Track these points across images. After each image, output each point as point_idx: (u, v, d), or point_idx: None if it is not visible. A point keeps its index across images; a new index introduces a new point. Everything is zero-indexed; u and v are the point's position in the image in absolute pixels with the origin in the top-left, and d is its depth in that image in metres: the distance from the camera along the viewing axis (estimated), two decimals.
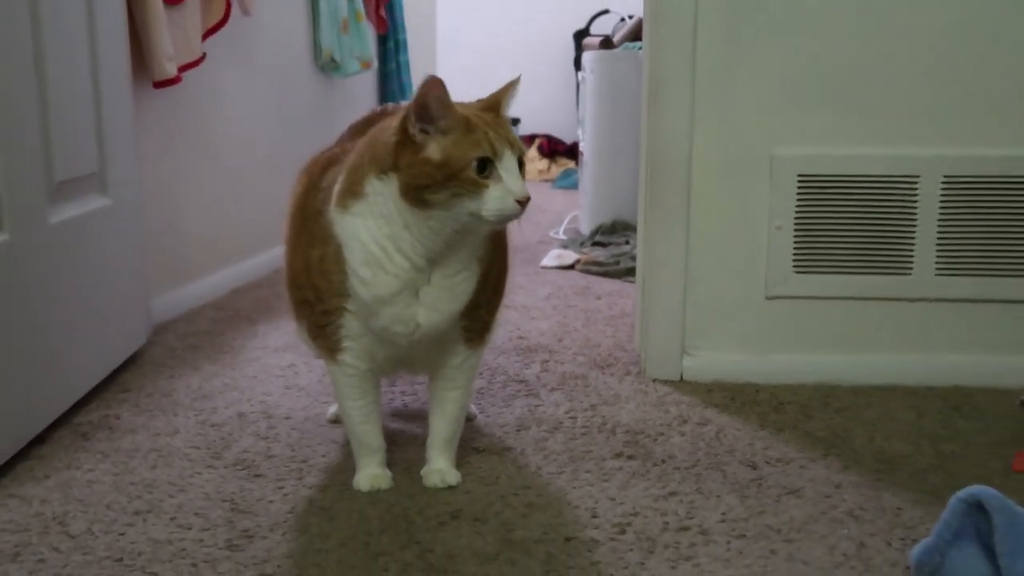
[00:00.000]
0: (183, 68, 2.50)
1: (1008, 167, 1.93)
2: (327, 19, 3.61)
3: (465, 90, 1.46)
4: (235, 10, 2.84)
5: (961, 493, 1.18)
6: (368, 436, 1.49)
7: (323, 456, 1.61)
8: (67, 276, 1.78)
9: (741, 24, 1.93)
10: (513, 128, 1.40)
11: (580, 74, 4.18)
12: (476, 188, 1.24)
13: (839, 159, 1.93)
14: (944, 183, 1.94)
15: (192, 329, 2.47)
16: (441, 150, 1.25)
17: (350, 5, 3.82)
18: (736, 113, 1.96)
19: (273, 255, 3.28)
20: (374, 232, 1.30)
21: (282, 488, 1.48)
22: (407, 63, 4.52)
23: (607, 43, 4.11)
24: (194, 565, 1.25)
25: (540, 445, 1.67)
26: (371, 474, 1.48)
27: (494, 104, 1.36)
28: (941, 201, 1.93)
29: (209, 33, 2.69)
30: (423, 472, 1.51)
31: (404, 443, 1.66)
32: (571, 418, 1.80)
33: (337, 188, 1.35)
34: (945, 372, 1.98)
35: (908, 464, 1.59)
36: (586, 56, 3.92)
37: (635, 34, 4.15)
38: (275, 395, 1.93)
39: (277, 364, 2.14)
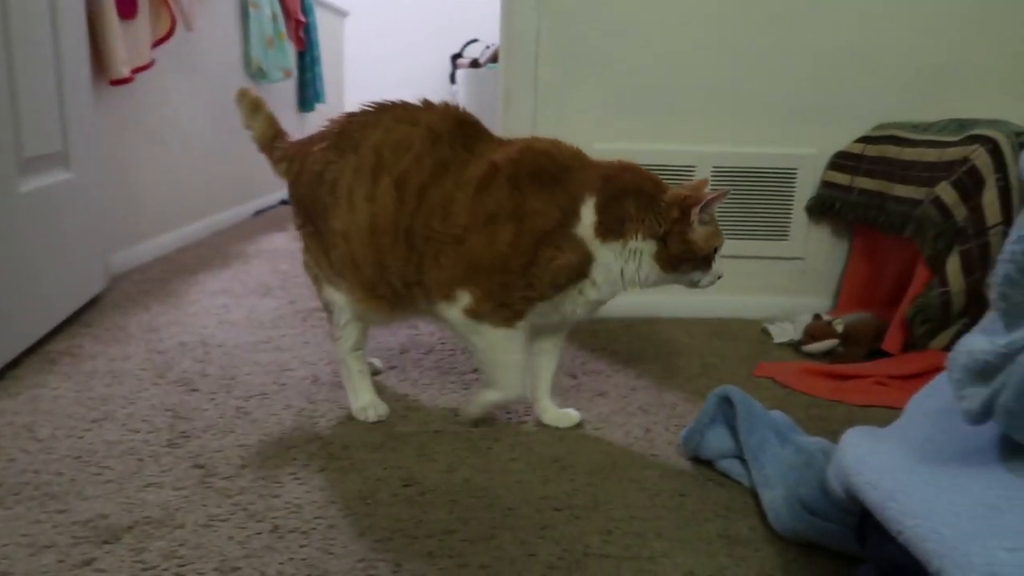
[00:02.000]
0: (136, 70, 2.33)
1: (753, 160, 2.00)
2: (256, 36, 3.42)
3: (370, 95, 1.41)
4: (180, 26, 2.66)
5: (716, 390, 1.23)
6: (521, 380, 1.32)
7: (248, 375, 1.55)
8: (36, 235, 1.64)
9: (570, 52, 1.93)
10: None
11: (454, 87, 4.11)
12: (709, 267, 1.27)
13: (641, 152, 1.95)
14: (713, 171, 2.00)
15: (144, 278, 2.33)
16: (704, 238, 1.24)
17: (274, 26, 3.63)
18: (568, 117, 1.96)
19: (213, 220, 3.12)
20: (619, 265, 1.25)
21: (214, 399, 1.42)
22: (320, 74, 4.34)
23: (475, 64, 4.04)
24: (140, 460, 1.18)
25: (418, 363, 1.65)
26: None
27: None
28: (711, 184, 1.99)
29: (158, 43, 2.51)
30: (552, 417, 1.37)
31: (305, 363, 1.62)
32: (442, 343, 1.78)
33: (595, 219, 1.22)
34: (710, 308, 2.06)
35: (683, 372, 1.65)
36: (459, 73, 3.86)
37: (496, 57, 4.10)
38: (211, 328, 1.84)
39: (213, 304, 2.04)
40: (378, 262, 1.27)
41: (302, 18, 4.06)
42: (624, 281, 1.27)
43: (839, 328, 1.77)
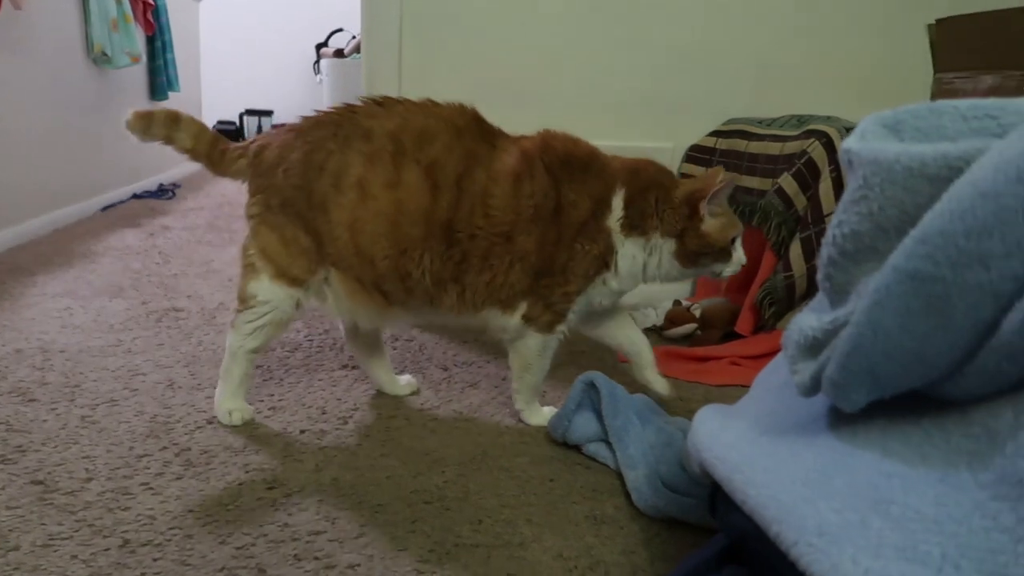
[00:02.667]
0: None
1: (611, 154, 2.07)
2: (97, 17, 3.17)
3: (230, 84, 1.34)
4: (6, 4, 2.42)
5: (581, 376, 1.26)
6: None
7: (95, 381, 1.44)
8: None
9: (432, 46, 1.92)
10: (269, 119, 1.30)
11: (319, 76, 4.00)
12: (729, 256, 1.27)
13: None
14: None
15: None
16: (718, 229, 1.26)
17: (119, 7, 3.38)
18: None
19: (53, 217, 2.88)
20: (642, 259, 1.29)
21: (55, 409, 1.31)
22: (173, 60, 4.09)
23: (339, 53, 3.95)
24: None
25: (283, 362, 1.59)
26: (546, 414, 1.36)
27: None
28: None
29: None
30: (660, 387, 1.43)
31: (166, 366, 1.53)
32: (309, 340, 1.73)
33: (621, 214, 1.25)
34: None
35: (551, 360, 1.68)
36: (323, 62, 3.76)
37: (360, 48, 4.01)
38: (51, 333, 1.70)
39: (55, 307, 1.89)
40: (399, 254, 1.21)
41: (150, 0, 3.82)
42: (646, 275, 1.30)
43: (697, 313, 1.87)
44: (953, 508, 0.50)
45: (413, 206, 1.20)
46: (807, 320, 0.64)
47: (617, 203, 1.26)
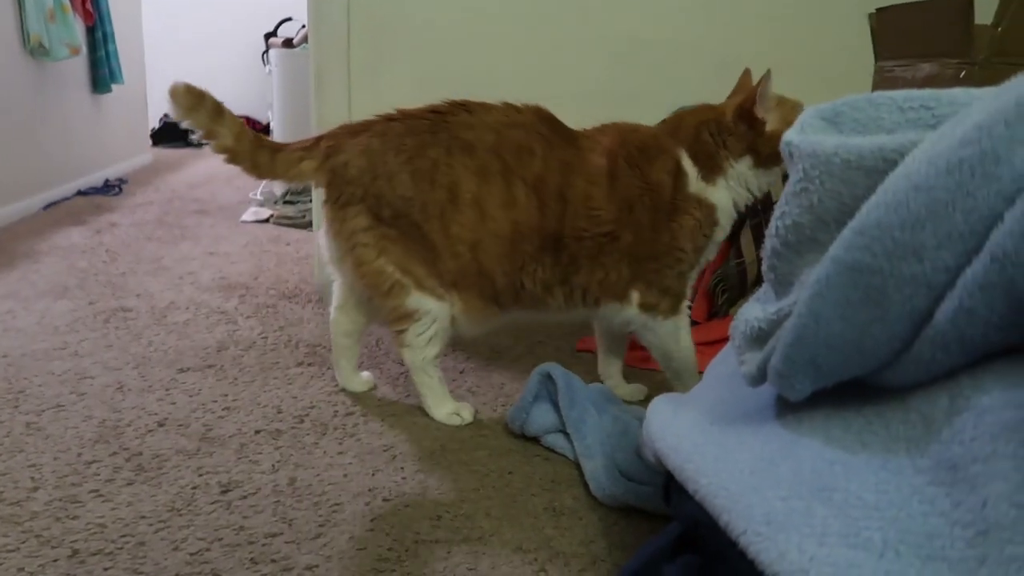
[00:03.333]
0: None
1: None
2: (33, 7, 3.06)
3: (175, 75, 1.30)
4: None
5: (538, 368, 1.27)
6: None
7: (40, 386, 1.40)
8: None
9: (381, 38, 1.89)
10: None
11: (268, 67, 3.92)
12: None
13: None
14: None
15: None
16: (782, 120, 1.25)
17: None
18: (383, 100, 1.91)
19: None
20: (732, 197, 1.31)
21: None
22: (115, 51, 3.96)
23: (288, 43, 3.86)
24: None
25: (237, 361, 1.57)
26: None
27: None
28: None
29: None
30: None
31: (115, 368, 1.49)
32: (263, 338, 1.71)
33: (695, 172, 1.29)
34: None
35: (509, 353, 1.68)
36: (272, 53, 3.67)
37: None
38: None
39: None
40: (516, 270, 1.26)
41: None
42: (739, 206, 1.33)
43: None
44: (893, 494, 0.51)
45: (527, 226, 1.25)
46: (753, 311, 0.65)
47: (687, 165, 1.29)
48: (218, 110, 1.25)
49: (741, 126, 1.28)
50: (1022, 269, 0.45)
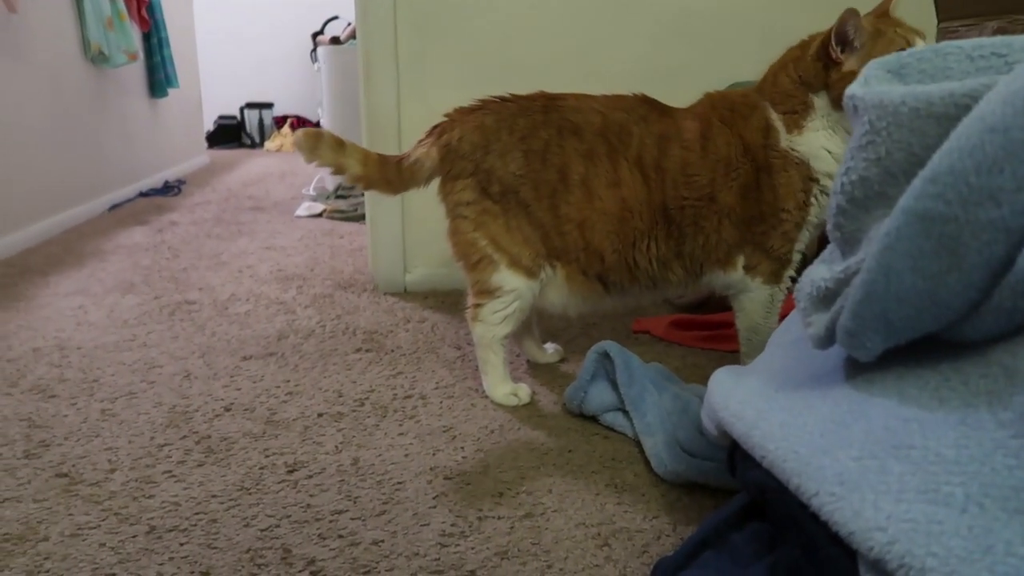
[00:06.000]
0: None
1: None
2: (92, 17, 3.17)
3: (228, 77, 1.33)
4: (0, 8, 2.42)
5: (594, 347, 1.26)
6: None
7: (112, 376, 1.46)
8: None
9: (427, 27, 1.90)
10: (270, 111, 1.29)
11: (316, 65, 3.98)
12: None
13: None
14: None
15: None
16: (860, 61, 1.19)
17: (113, 5, 3.37)
18: (430, 88, 1.94)
19: (61, 218, 2.90)
20: (828, 144, 1.26)
21: (75, 404, 1.33)
22: (171, 56, 4.08)
23: (335, 40, 3.92)
24: None
25: (297, 348, 1.60)
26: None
27: (883, 11, 1.24)
28: None
29: None
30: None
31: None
32: (321, 326, 1.74)
33: (783, 121, 1.27)
34: None
35: (564, 335, 1.68)
36: (320, 51, 3.73)
37: (356, 34, 3.98)
38: (68, 331, 1.71)
39: (68, 306, 1.90)
40: (628, 247, 1.28)
41: None
42: (839, 155, 1.27)
43: None
44: (974, 448, 0.50)
45: (635, 200, 1.27)
46: (819, 271, 0.64)
47: (775, 119, 1.28)
48: (338, 144, 1.29)
49: (817, 65, 1.25)
50: None
